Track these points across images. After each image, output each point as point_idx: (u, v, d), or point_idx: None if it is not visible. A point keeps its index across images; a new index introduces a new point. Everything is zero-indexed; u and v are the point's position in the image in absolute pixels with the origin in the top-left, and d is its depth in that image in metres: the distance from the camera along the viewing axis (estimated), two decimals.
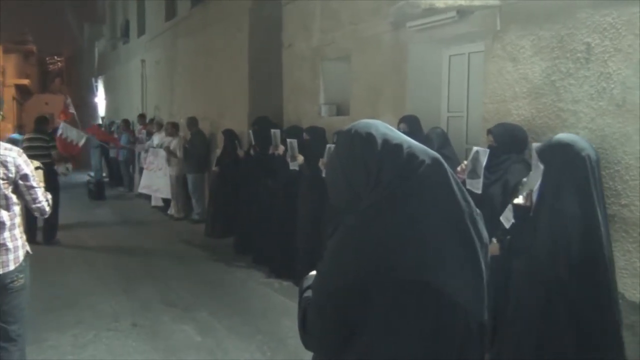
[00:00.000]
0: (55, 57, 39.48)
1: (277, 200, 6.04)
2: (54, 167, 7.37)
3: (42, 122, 7.57)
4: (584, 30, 3.47)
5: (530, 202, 3.09)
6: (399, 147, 1.37)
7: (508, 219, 3.34)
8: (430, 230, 1.32)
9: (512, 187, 3.52)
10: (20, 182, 3.00)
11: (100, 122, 17.46)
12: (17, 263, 2.97)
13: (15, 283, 2.97)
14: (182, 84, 10.84)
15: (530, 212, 3.04)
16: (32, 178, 3.04)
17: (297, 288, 1.61)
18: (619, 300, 3.28)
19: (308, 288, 1.50)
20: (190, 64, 10.27)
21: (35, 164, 3.19)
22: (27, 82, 33.82)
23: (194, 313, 4.87)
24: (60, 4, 24.72)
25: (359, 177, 1.38)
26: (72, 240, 7.90)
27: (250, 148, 6.93)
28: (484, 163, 3.61)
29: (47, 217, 3.42)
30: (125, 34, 16.11)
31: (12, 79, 31.93)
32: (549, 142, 3.04)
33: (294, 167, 5.56)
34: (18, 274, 2.98)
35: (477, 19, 4.29)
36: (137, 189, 12.27)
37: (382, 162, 1.36)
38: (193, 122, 9.12)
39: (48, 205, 3.17)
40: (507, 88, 4.04)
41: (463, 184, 3.59)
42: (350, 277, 1.31)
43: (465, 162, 3.79)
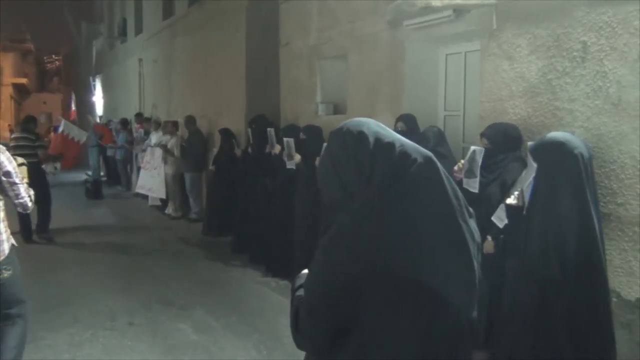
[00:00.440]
0: (53, 56, 39.41)
1: (274, 199, 6.03)
2: (42, 166, 7.38)
3: (29, 121, 7.60)
4: (580, 29, 3.47)
5: (522, 201, 3.09)
6: (391, 145, 1.36)
7: (501, 219, 3.34)
8: (423, 229, 1.31)
9: (509, 185, 3.52)
10: (3, 178, 3.13)
11: (98, 120, 17.42)
12: (2, 256, 3.11)
13: (4, 274, 3.11)
14: (179, 83, 10.82)
15: (523, 211, 3.04)
16: (14, 175, 3.17)
17: None
18: (614, 299, 3.30)
19: (300, 287, 1.49)
20: (188, 63, 10.25)
21: (19, 161, 3.33)
22: (25, 81, 33.75)
23: (191, 312, 4.87)
24: (58, 3, 24.66)
25: (351, 175, 1.37)
26: (69, 239, 7.88)
27: (248, 147, 6.92)
28: (480, 162, 3.61)
29: (38, 213, 3.58)
30: (123, 33, 16.07)
31: (9, 78, 31.86)
32: (542, 140, 3.03)
33: (291, 166, 5.55)
34: (6, 266, 3.13)
35: (473, 18, 4.29)
36: (134, 188, 12.26)
37: (374, 160, 1.35)
38: (191, 120, 9.11)
39: (31, 201, 3.30)
40: (503, 87, 4.04)
41: (460, 183, 3.63)
42: (343, 276, 1.30)
43: (462, 161, 3.79)
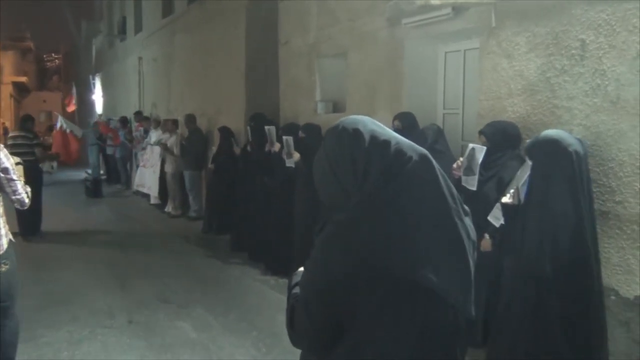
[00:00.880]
0: (53, 54, 39.37)
1: (273, 198, 6.03)
2: (39, 164, 7.41)
3: (26, 120, 7.69)
4: (579, 27, 3.47)
5: (518, 199, 3.08)
6: (387, 143, 1.36)
7: (497, 218, 3.34)
8: (418, 227, 1.30)
9: (506, 184, 3.51)
10: (1, 174, 3.20)
11: (97, 119, 17.41)
12: (1, 250, 3.17)
13: (2, 269, 3.17)
14: (179, 81, 10.82)
15: (519, 209, 3.04)
16: (12, 171, 3.24)
17: None
18: (612, 297, 3.30)
19: (297, 285, 1.48)
20: (187, 61, 10.25)
21: (16, 160, 3.39)
22: (24, 79, 33.72)
23: (190, 310, 4.87)
24: (58, 2, 24.59)
25: (347, 173, 1.37)
26: (68, 237, 7.89)
27: (247, 145, 6.92)
28: (480, 160, 3.60)
29: (27, 209, 3.61)
30: (123, 31, 16.06)
31: (9, 76, 31.83)
32: (537, 138, 3.04)
33: (290, 164, 5.55)
34: (5, 261, 3.18)
35: (472, 16, 4.29)
36: (134, 187, 12.26)
37: (369, 158, 1.34)
38: (191, 119, 9.10)
39: (27, 197, 3.37)
40: (502, 85, 4.04)
41: (459, 181, 3.63)
42: (338, 274, 1.30)
43: (461, 158, 3.79)
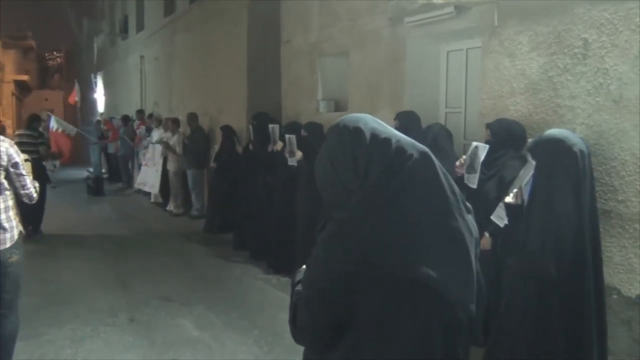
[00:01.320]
0: (55, 53, 39.37)
1: (275, 196, 6.04)
2: (42, 162, 7.54)
3: (33, 120, 7.88)
4: (581, 26, 3.47)
5: (521, 199, 3.08)
6: (387, 141, 1.36)
7: (501, 218, 3.34)
8: (420, 225, 1.31)
9: (507, 183, 3.51)
10: (12, 169, 3.34)
11: (99, 118, 17.45)
12: (12, 241, 3.32)
13: (12, 259, 3.32)
14: (180, 80, 10.83)
15: (523, 209, 3.04)
16: (21, 167, 3.39)
17: None
18: (614, 296, 3.30)
19: (299, 282, 1.49)
20: (189, 60, 10.26)
21: (24, 157, 3.53)
22: (26, 78, 33.70)
23: (192, 308, 4.88)
24: (60, 0, 24.63)
25: (348, 171, 1.37)
26: (70, 236, 7.92)
27: (249, 144, 6.93)
28: (482, 159, 3.60)
29: (31, 206, 3.77)
30: (124, 30, 16.08)
31: (11, 75, 31.81)
32: (540, 137, 3.03)
33: (293, 162, 5.55)
34: (14, 251, 3.34)
35: (474, 15, 4.29)
36: (136, 185, 12.28)
37: (370, 156, 1.35)
38: (193, 117, 9.11)
39: (36, 192, 3.51)
40: (504, 84, 4.04)
41: (461, 179, 3.63)
42: (339, 272, 1.31)
43: (464, 156, 3.79)
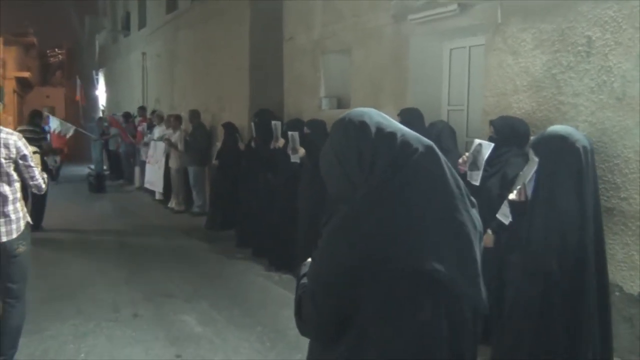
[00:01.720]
0: (56, 49, 39.37)
1: (277, 194, 6.05)
2: (44, 157, 7.67)
3: (34, 116, 8.17)
4: (585, 24, 3.47)
5: (525, 196, 3.09)
6: (393, 135, 1.37)
7: (506, 216, 3.34)
8: (425, 219, 1.31)
9: (510, 180, 3.52)
10: (20, 161, 3.45)
11: (101, 114, 17.45)
12: (19, 231, 3.44)
13: (19, 249, 3.44)
14: (183, 77, 10.83)
15: (526, 206, 3.04)
16: (30, 158, 3.50)
17: (296, 281, 1.61)
18: (616, 293, 3.31)
19: (305, 275, 1.50)
20: (191, 57, 10.25)
21: (33, 149, 3.64)
22: (27, 74, 33.69)
23: (194, 304, 4.89)
24: None
25: (353, 165, 1.38)
26: (72, 232, 7.93)
27: (252, 141, 6.93)
28: (486, 156, 3.60)
29: (33, 202, 3.79)
30: (126, 27, 16.07)
31: (12, 72, 31.80)
32: (543, 134, 3.03)
33: (295, 159, 5.55)
34: (21, 241, 3.46)
35: (478, 12, 4.29)
36: (137, 182, 12.29)
37: (375, 150, 1.35)
38: (195, 114, 9.11)
39: (44, 183, 3.62)
40: (507, 81, 4.04)
41: (464, 176, 3.64)
42: (345, 265, 1.32)
43: (467, 153, 3.79)
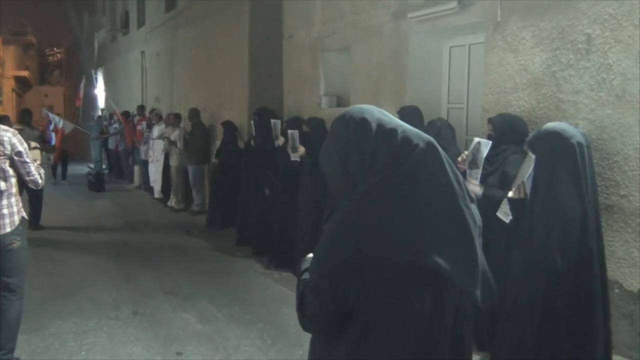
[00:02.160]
0: (55, 48, 39.33)
1: (277, 192, 6.05)
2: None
3: (26, 114, 8.47)
4: (585, 21, 3.48)
5: (524, 193, 3.10)
6: (393, 131, 1.38)
7: (507, 214, 3.35)
8: (425, 213, 1.33)
9: (509, 178, 3.53)
10: (15, 158, 3.42)
11: (100, 113, 17.44)
12: (12, 226, 3.39)
13: (13, 244, 3.40)
14: (182, 76, 10.83)
15: (526, 203, 3.06)
16: (25, 155, 3.47)
17: (296, 278, 1.62)
18: (616, 290, 3.32)
19: (306, 270, 1.51)
20: (191, 56, 10.25)
21: (33, 145, 3.66)
22: (26, 73, 33.71)
23: (195, 302, 4.90)
24: None
25: (354, 161, 1.39)
26: (71, 231, 7.94)
27: (251, 139, 6.94)
28: (485, 154, 3.62)
29: (29, 200, 3.78)
30: (125, 26, 16.06)
31: (11, 71, 31.81)
32: (539, 131, 3.06)
33: (295, 158, 5.56)
34: (15, 237, 3.41)
35: (478, 10, 4.29)
36: (137, 181, 12.29)
37: (376, 146, 1.37)
38: (195, 113, 9.10)
39: (41, 178, 3.60)
40: (507, 79, 4.05)
41: (463, 174, 3.64)
42: (346, 260, 1.33)
43: (466, 152, 3.80)
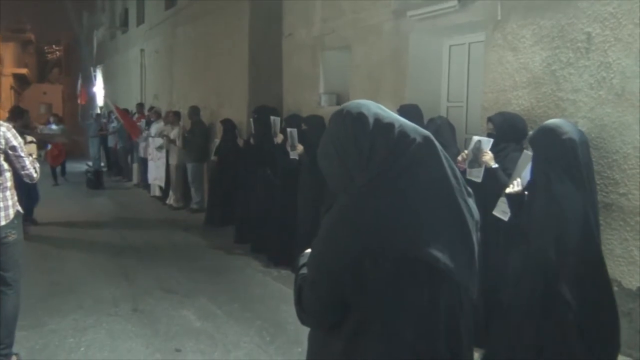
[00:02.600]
0: (54, 46, 39.24)
1: (275, 190, 6.06)
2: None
3: (16, 112, 8.10)
4: (585, 20, 3.49)
5: (522, 189, 3.12)
6: (390, 125, 1.39)
7: (505, 212, 3.36)
8: (423, 207, 1.34)
9: (510, 175, 3.54)
10: (10, 152, 3.43)
11: (99, 111, 17.42)
12: (7, 220, 3.39)
13: (8, 238, 3.40)
14: (181, 73, 10.82)
15: (524, 198, 3.08)
16: (19, 149, 3.46)
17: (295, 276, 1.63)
18: (615, 288, 3.32)
19: (304, 265, 1.52)
20: (190, 53, 10.24)
21: (29, 139, 3.66)
22: (25, 71, 33.60)
23: (194, 299, 4.90)
24: None
25: (351, 156, 1.40)
26: (71, 228, 7.93)
27: (250, 137, 6.94)
28: (488, 149, 3.63)
29: (23, 194, 3.83)
30: (124, 23, 16.05)
31: (10, 68, 31.72)
32: (538, 128, 3.08)
33: (294, 156, 5.57)
34: (10, 230, 3.41)
35: (478, 8, 4.30)
36: (135, 179, 12.28)
37: (373, 141, 1.38)
38: (195, 111, 9.08)
39: (36, 172, 3.60)
40: (507, 77, 4.06)
41: (463, 174, 3.66)
42: (344, 255, 1.34)
43: (466, 151, 3.81)
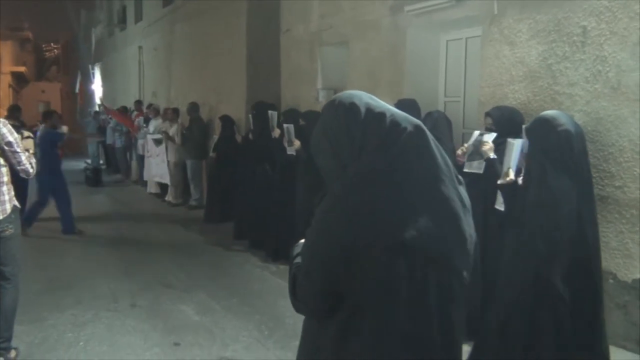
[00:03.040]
0: (52, 44, 39.17)
1: (274, 185, 6.07)
2: None
3: (15, 110, 8.31)
4: (581, 14, 3.50)
5: (513, 178, 3.15)
6: (382, 115, 1.41)
7: (502, 203, 3.39)
8: (415, 195, 1.35)
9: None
10: (6, 147, 3.45)
11: (97, 109, 17.41)
12: (4, 214, 3.42)
13: (5, 232, 3.43)
14: (179, 71, 10.82)
15: (516, 187, 3.11)
16: (15, 144, 3.49)
17: None
18: (610, 280, 3.35)
19: (298, 255, 1.54)
20: (188, 50, 10.24)
21: (26, 134, 3.68)
22: (23, 69, 33.55)
23: (193, 294, 4.92)
24: None
25: (344, 145, 1.42)
26: None
27: (249, 133, 6.95)
28: (490, 144, 3.65)
29: (16, 190, 3.75)
30: (122, 21, 16.02)
31: (8, 66, 31.67)
32: (534, 118, 3.10)
33: (291, 152, 5.58)
34: (7, 224, 3.44)
35: (474, 3, 4.31)
36: (134, 176, 12.28)
37: (365, 130, 1.40)
38: (194, 107, 9.08)
39: (32, 168, 3.64)
40: (503, 72, 4.07)
41: (461, 167, 3.67)
42: (337, 244, 1.35)
43: (466, 145, 3.82)
